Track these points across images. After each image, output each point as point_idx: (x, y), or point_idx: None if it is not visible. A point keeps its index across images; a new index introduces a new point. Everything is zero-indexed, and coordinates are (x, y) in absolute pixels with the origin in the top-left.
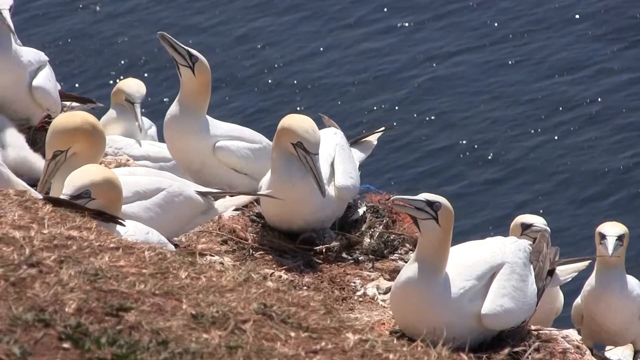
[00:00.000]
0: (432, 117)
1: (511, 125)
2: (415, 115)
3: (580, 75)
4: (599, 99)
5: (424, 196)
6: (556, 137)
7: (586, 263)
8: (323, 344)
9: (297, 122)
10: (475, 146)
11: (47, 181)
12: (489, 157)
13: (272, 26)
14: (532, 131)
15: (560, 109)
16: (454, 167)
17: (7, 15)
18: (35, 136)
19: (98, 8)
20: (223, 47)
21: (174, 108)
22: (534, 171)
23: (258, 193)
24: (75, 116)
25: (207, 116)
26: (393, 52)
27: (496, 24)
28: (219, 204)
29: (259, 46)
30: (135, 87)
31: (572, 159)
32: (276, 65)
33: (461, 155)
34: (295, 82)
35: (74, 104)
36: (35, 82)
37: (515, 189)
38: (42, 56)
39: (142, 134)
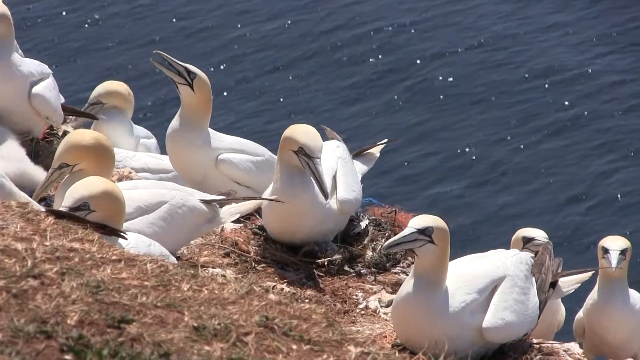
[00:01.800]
0: (435, 129)
1: (514, 137)
2: (417, 127)
3: (580, 83)
4: (601, 108)
5: (413, 226)
6: (559, 150)
7: (589, 274)
8: (325, 356)
9: (298, 129)
10: (478, 158)
11: (46, 187)
12: (492, 169)
13: (270, 36)
14: (534, 142)
15: (565, 122)
16: (455, 179)
17: None
18: (38, 148)
19: (98, 16)
20: (222, 59)
21: (175, 122)
22: (537, 183)
23: (263, 197)
24: (88, 135)
25: (210, 129)
26: (396, 62)
27: (493, 33)
28: (224, 211)
29: (259, 57)
30: (97, 88)
31: (574, 168)
32: (276, 76)
33: (463, 168)
34: (296, 92)
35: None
36: (34, 90)
37: (517, 201)
38: (45, 68)
39: (134, 142)
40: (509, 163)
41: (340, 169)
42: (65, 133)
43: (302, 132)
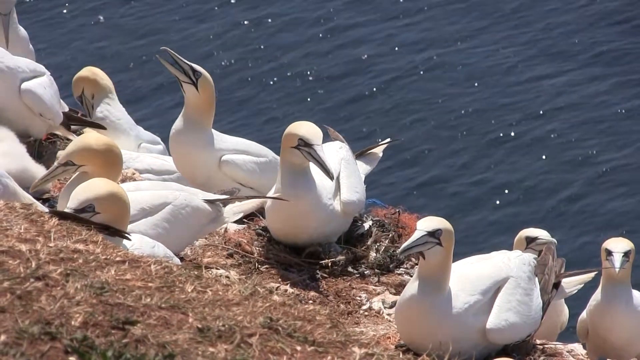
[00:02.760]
0: (439, 129)
1: (517, 138)
2: (420, 127)
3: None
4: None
5: (422, 228)
6: (562, 152)
7: (592, 275)
8: (329, 357)
9: (295, 124)
10: (481, 157)
11: (47, 181)
12: (495, 169)
13: (272, 36)
14: (538, 144)
15: (568, 126)
16: (458, 178)
17: None
18: (41, 149)
19: (102, 19)
20: (225, 58)
21: (179, 122)
22: (540, 182)
23: (266, 196)
24: (101, 140)
25: (213, 130)
26: (398, 61)
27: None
28: (227, 210)
29: (260, 57)
30: None
31: (577, 170)
32: (277, 77)
33: (466, 167)
34: (298, 93)
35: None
36: (24, 85)
37: (520, 201)
38: (38, 67)
39: (135, 140)
40: (513, 162)
41: (344, 171)
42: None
43: (299, 125)
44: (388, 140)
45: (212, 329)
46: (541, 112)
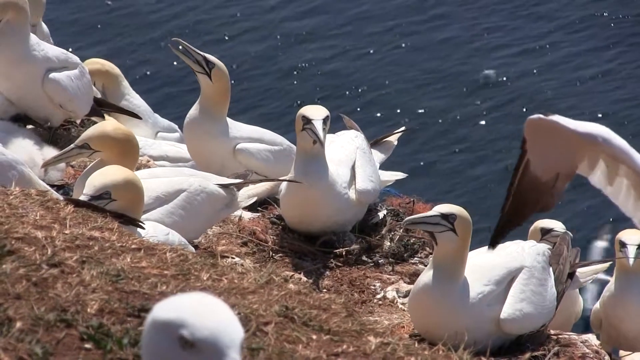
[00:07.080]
0: (451, 118)
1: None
2: (435, 115)
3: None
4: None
5: (437, 210)
6: None
7: (606, 265)
8: (345, 346)
9: (302, 107)
10: (496, 147)
11: (60, 160)
12: (509, 159)
13: (287, 26)
14: None
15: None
16: (474, 169)
17: None
18: (55, 136)
19: (110, 2)
20: (241, 46)
21: (194, 111)
22: None
23: (279, 178)
24: (120, 129)
25: (228, 118)
26: (413, 50)
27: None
28: (241, 194)
29: (273, 47)
30: None
31: None
32: (293, 66)
33: (481, 157)
34: (313, 82)
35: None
36: (50, 75)
37: None
38: (70, 58)
39: (152, 128)
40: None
41: (359, 160)
42: (84, 122)
43: (304, 107)
44: (403, 128)
45: None
46: (557, 93)
